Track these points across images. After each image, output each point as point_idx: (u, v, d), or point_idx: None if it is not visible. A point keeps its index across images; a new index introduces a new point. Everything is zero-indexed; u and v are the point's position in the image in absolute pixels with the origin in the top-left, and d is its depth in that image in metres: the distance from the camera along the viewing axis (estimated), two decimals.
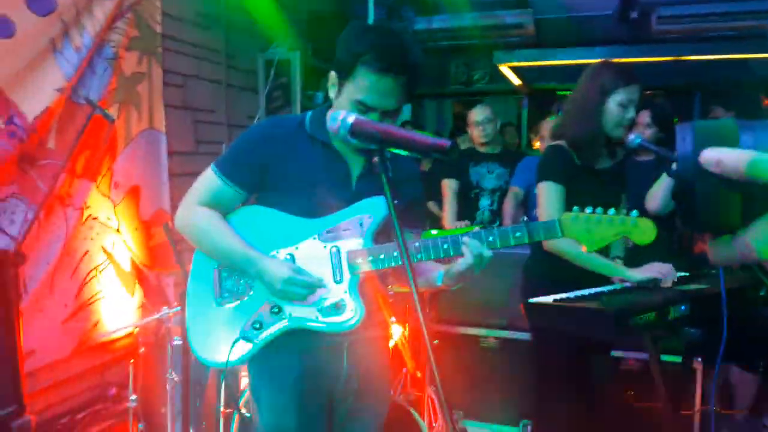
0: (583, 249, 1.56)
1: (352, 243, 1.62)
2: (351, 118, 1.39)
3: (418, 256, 1.57)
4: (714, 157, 0.58)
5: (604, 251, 2.28)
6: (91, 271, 3.20)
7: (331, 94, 1.62)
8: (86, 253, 3.16)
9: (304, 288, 1.58)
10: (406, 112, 7.19)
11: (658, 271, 2.16)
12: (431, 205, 4.69)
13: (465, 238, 1.53)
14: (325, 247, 1.63)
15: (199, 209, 1.68)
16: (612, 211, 1.56)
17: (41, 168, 2.86)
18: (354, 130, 1.38)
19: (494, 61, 6.08)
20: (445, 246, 1.56)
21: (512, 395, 3.15)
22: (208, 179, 1.69)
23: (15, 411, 2.24)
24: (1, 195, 2.67)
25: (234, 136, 4.41)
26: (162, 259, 3.61)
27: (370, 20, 4.63)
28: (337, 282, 1.62)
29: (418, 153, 1.35)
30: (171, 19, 3.79)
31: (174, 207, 3.78)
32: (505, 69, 6.31)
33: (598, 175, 2.33)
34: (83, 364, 3.20)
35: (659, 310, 1.94)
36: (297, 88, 4.76)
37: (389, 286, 2.03)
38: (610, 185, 2.34)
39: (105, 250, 3.27)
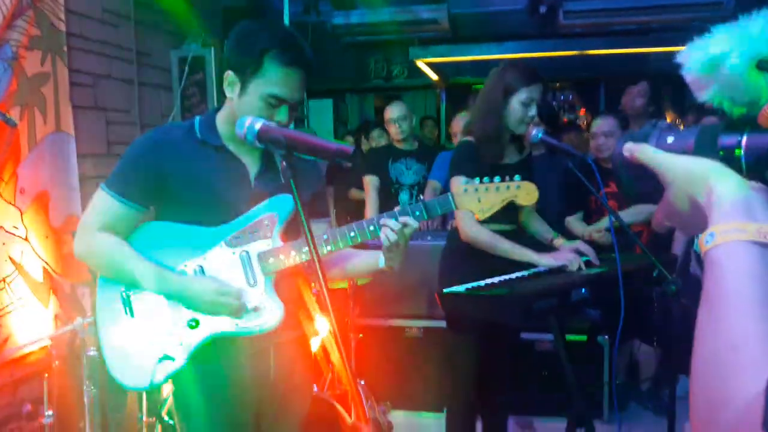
0: (476, 217, 1.64)
1: (260, 244, 1.62)
2: (258, 125, 1.42)
3: (328, 248, 1.60)
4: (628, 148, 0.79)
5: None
6: None
7: (229, 94, 1.59)
8: None
9: (233, 300, 1.57)
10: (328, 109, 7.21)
11: (566, 257, 2.31)
12: (354, 192, 4.73)
13: (382, 220, 1.57)
14: (234, 252, 1.62)
15: (98, 236, 1.62)
16: (497, 178, 1.64)
17: None
18: (261, 136, 1.41)
19: (411, 56, 6.19)
20: (352, 234, 1.59)
21: (436, 383, 3.26)
22: (101, 200, 1.63)
23: None
24: None
25: None
26: (76, 268, 3.48)
27: (286, 15, 4.60)
28: (251, 286, 1.62)
29: (322, 158, 1.39)
30: (76, 17, 3.64)
31: (87, 208, 3.64)
32: (421, 64, 6.43)
33: (505, 169, 2.45)
34: None
35: (561, 293, 2.08)
36: (213, 84, 4.67)
37: (313, 283, 2.06)
38: None
39: (12, 260, 3.12)
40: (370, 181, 3.91)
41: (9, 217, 3.11)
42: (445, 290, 2.13)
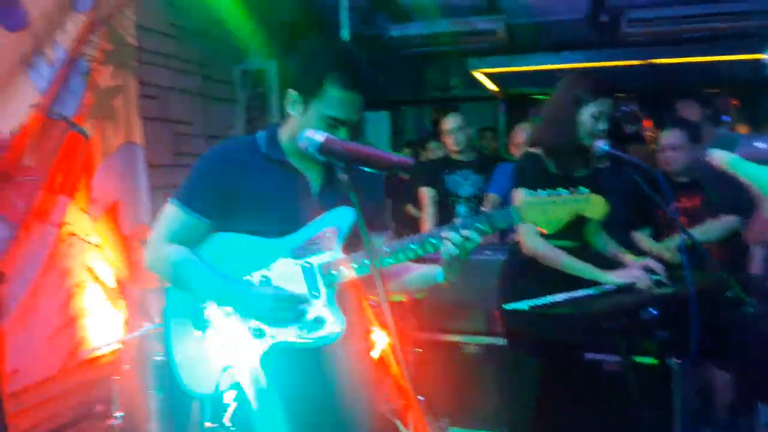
0: (541, 231, 1.58)
1: (323, 256, 1.63)
2: (321, 137, 1.44)
3: (389, 260, 1.60)
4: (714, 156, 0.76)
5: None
6: (73, 288, 3.18)
7: (292, 112, 1.63)
8: (68, 270, 3.14)
9: (294, 308, 1.59)
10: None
11: (634, 275, 2.23)
12: (410, 208, 4.73)
13: (443, 233, 1.55)
14: (297, 264, 1.64)
15: (166, 248, 1.67)
16: (562, 190, 1.59)
17: (18, 185, 2.84)
18: (323, 149, 1.42)
19: (468, 67, 6.16)
20: (413, 246, 1.58)
21: (496, 401, 3.18)
22: (169, 213, 1.68)
23: None
24: None
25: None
26: (144, 275, 3.60)
27: (345, 28, 4.66)
28: (314, 297, 1.64)
29: (383, 170, 1.39)
30: (145, 32, 3.79)
31: (156, 220, 3.78)
32: (479, 75, 6.39)
33: (573, 182, 2.39)
34: (69, 382, 3.18)
35: (630, 313, 2.00)
36: (274, 97, 4.78)
37: (371, 296, 2.05)
38: None
39: (87, 267, 3.26)
40: (427, 194, 3.90)
41: (83, 226, 3.25)
42: (506, 306, 2.09)
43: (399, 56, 6.08)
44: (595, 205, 1.59)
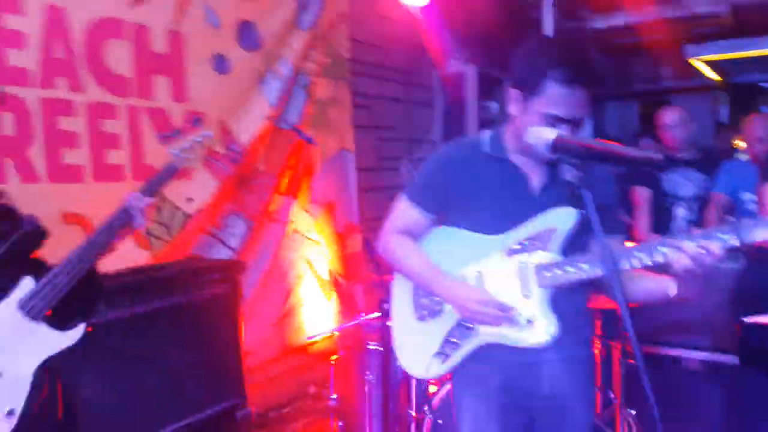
0: None
1: (539, 256, 1.60)
2: (553, 134, 1.40)
3: (624, 265, 1.50)
4: None
5: None
6: (295, 279, 3.55)
7: (512, 111, 1.62)
8: (291, 262, 3.51)
9: (492, 311, 1.60)
10: None
11: None
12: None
13: (677, 241, 1.39)
14: (512, 262, 1.63)
15: (394, 237, 1.81)
16: None
17: (254, 187, 3.24)
18: (556, 146, 1.38)
19: (688, 55, 5.59)
20: (638, 254, 1.45)
21: (717, 423, 2.86)
22: (401, 207, 1.82)
23: (239, 403, 2.57)
24: (224, 212, 3.07)
25: (412, 151, 4.61)
26: (353, 269, 3.88)
27: (547, 23, 4.54)
28: (526, 297, 1.61)
29: (626, 167, 1.30)
30: (357, 44, 4.06)
31: (363, 220, 4.06)
32: (698, 63, 5.78)
33: None
34: (288, 364, 3.54)
35: None
36: (472, 99, 4.82)
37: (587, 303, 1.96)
38: None
39: (307, 261, 3.60)
40: (641, 194, 3.62)
41: (305, 223, 3.61)
42: (745, 320, 1.86)
43: (602, 49, 5.74)
44: None
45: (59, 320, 1.49)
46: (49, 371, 1.53)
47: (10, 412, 1.35)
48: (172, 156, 1.76)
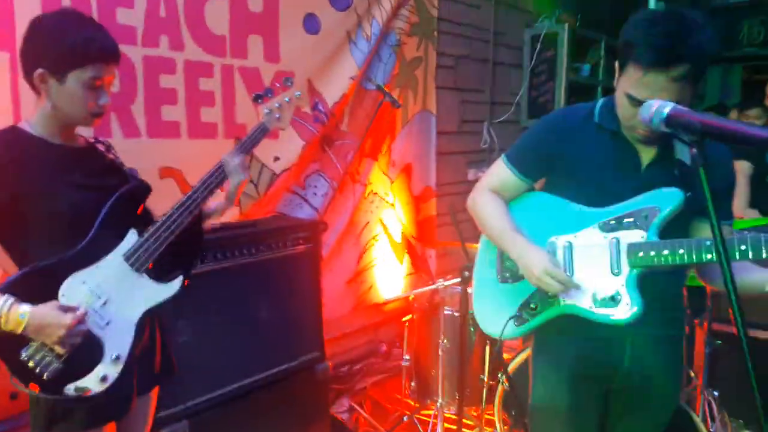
0: None
1: (634, 235, 1.56)
2: (667, 108, 1.33)
3: (708, 256, 1.44)
4: None
5: None
6: (369, 240, 3.60)
7: (615, 83, 1.57)
8: (367, 224, 3.56)
9: (556, 283, 1.58)
10: None
11: None
12: None
13: None
14: (605, 237, 1.60)
15: (485, 194, 1.81)
16: None
17: (337, 148, 3.28)
18: (670, 121, 1.31)
19: None
20: (743, 247, 1.39)
21: None
22: (499, 167, 1.81)
23: (318, 357, 2.67)
24: (308, 172, 3.14)
25: (496, 114, 4.49)
26: (427, 233, 3.89)
27: None
28: (614, 275, 1.58)
29: (747, 145, 1.20)
30: (445, 2, 3.96)
31: (439, 184, 4.03)
32: None
33: None
34: (360, 322, 3.64)
35: None
36: (563, 61, 4.62)
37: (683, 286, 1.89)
38: None
39: (382, 222, 3.64)
40: (741, 168, 3.40)
41: (383, 185, 3.63)
42: None
43: (708, 9, 5.32)
44: None
45: (161, 272, 1.58)
46: (150, 320, 1.65)
47: (117, 358, 1.46)
48: (264, 116, 1.81)
